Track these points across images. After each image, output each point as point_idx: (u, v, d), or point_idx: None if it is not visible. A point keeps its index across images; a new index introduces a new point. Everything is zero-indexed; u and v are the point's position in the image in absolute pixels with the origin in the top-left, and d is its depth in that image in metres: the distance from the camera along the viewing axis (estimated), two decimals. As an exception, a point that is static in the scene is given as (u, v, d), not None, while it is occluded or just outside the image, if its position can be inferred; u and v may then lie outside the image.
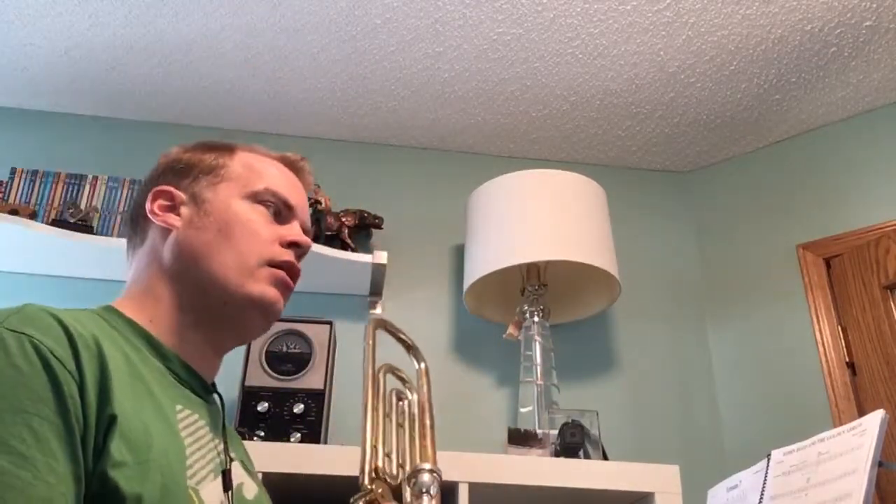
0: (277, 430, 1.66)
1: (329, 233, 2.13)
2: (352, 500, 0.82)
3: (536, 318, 2.05)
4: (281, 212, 0.94)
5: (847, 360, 2.09)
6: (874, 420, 1.15)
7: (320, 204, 2.18)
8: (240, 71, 2.24)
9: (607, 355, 2.32)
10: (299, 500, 1.45)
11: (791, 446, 1.30)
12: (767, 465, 1.32)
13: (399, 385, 1.09)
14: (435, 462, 0.90)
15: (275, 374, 1.74)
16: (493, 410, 2.17)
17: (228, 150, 0.97)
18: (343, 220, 2.17)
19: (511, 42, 2.13)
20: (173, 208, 0.91)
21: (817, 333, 2.17)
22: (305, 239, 0.94)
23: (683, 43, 2.11)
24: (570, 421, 1.77)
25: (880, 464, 1.11)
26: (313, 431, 1.68)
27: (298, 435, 1.66)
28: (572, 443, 1.73)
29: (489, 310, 2.22)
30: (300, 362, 1.77)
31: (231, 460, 0.85)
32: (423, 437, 0.99)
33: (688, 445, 2.19)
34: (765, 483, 1.29)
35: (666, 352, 2.35)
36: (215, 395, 0.92)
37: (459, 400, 2.16)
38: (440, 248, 2.39)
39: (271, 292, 0.89)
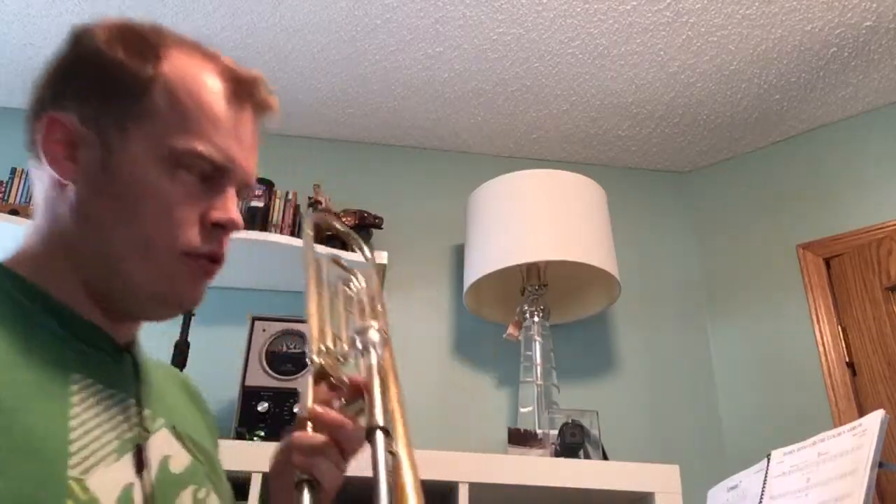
0: (277, 430, 1.66)
1: (329, 233, 2.13)
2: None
3: (536, 318, 2.05)
4: (212, 175, 0.72)
5: (847, 360, 2.09)
6: (874, 420, 1.15)
7: (320, 204, 2.18)
8: (240, 71, 2.23)
9: (607, 355, 2.32)
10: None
11: (791, 446, 1.30)
12: (767, 465, 1.32)
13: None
14: (387, 341, 0.82)
15: (275, 374, 1.74)
16: (493, 410, 2.17)
17: (154, 56, 0.72)
18: (343, 220, 2.17)
19: (511, 42, 2.13)
20: (71, 146, 0.71)
21: (817, 333, 2.17)
22: (236, 219, 0.74)
23: (683, 43, 2.11)
24: (570, 421, 1.77)
25: (880, 464, 1.11)
26: (313, 431, 1.68)
27: (298, 435, 1.66)
28: (572, 443, 1.73)
29: (489, 310, 2.22)
30: (300, 362, 1.77)
31: (149, 432, 0.71)
32: (376, 319, 0.88)
33: (688, 445, 2.19)
34: (765, 483, 1.29)
35: (666, 352, 2.35)
36: (127, 356, 0.75)
37: (459, 400, 2.16)
38: (440, 248, 2.39)
39: (189, 292, 0.73)
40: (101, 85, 0.71)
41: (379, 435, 0.65)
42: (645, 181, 2.63)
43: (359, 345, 0.77)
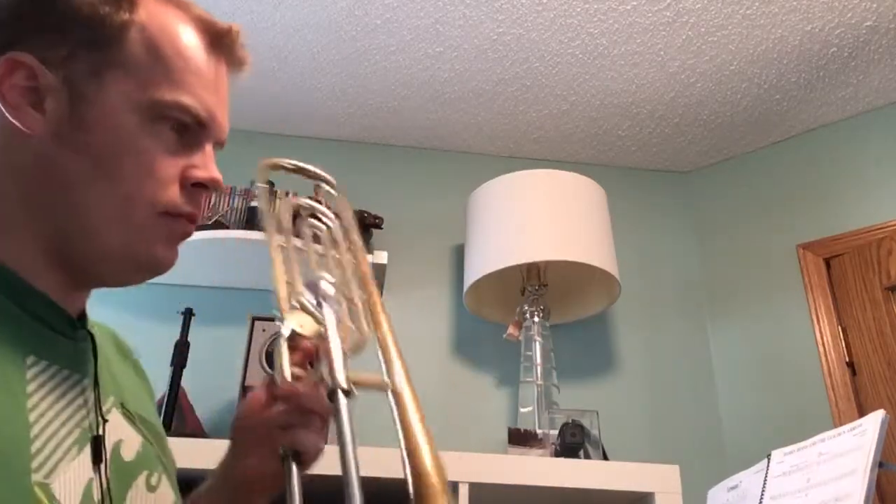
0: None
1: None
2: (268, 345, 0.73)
3: (536, 318, 2.05)
4: (190, 128, 0.68)
5: (847, 360, 2.09)
6: (874, 420, 1.15)
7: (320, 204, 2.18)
8: (240, 71, 2.23)
9: (607, 355, 2.32)
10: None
11: (791, 446, 1.30)
12: (768, 466, 1.32)
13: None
14: (366, 276, 0.79)
15: (275, 374, 1.74)
16: (493, 410, 2.17)
17: (131, 3, 0.67)
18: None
19: (511, 42, 2.13)
20: (34, 93, 0.64)
21: (817, 333, 2.17)
22: (218, 178, 0.69)
23: (683, 43, 2.11)
24: (570, 421, 1.77)
25: (881, 464, 1.11)
26: None
27: (298, 435, 1.66)
28: (572, 443, 1.73)
29: (489, 310, 2.22)
30: (300, 362, 1.76)
31: (104, 421, 0.66)
32: (352, 254, 0.84)
33: (688, 445, 2.19)
34: (765, 483, 1.29)
35: (666, 352, 2.34)
36: (83, 332, 0.70)
37: (459, 400, 2.16)
38: (440, 248, 2.39)
39: (164, 254, 0.67)
40: (70, 28, 0.65)
41: (341, 397, 0.62)
42: (645, 181, 2.63)
43: (312, 300, 0.73)
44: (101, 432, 0.65)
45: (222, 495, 0.77)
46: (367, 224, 2.22)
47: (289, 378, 0.68)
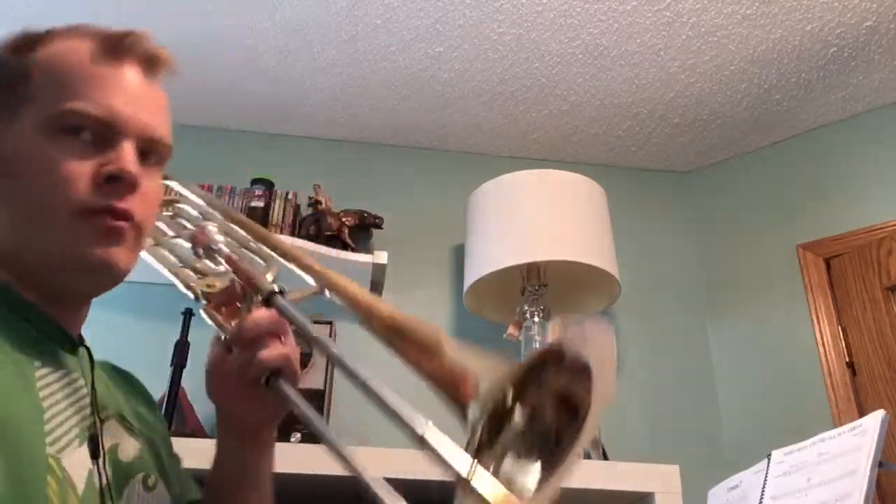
0: (278, 430, 1.66)
1: (329, 233, 2.13)
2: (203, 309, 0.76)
3: (536, 318, 2.05)
4: (100, 133, 0.72)
5: (847, 360, 2.09)
6: (874, 420, 1.16)
7: (320, 204, 2.18)
8: (240, 71, 2.23)
9: (607, 355, 2.32)
10: (300, 500, 1.45)
11: (791, 446, 1.30)
12: (768, 466, 1.32)
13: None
14: (245, 220, 0.84)
15: (275, 374, 1.74)
16: (493, 410, 2.17)
17: (31, 48, 0.76)
18: (343, 220, 2.17)
19: (511, 42, 2.13)
20: None
21: (817, 333, 2.17)
22: (125, 167, 0.71)
23: (683, 43, 2.11)
24: (570, 421, 1.77)
25: (881, 464, 1.11)
26: (313, 431, 1.68)
27: (298, 435, 1.66)
28: (572, 443, 1.73)
29: (489, 310, 2.22)
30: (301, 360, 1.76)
31: (102, 421, 0.72)
32: (223, 216, 0.88)
33: (688, 445, 2.19)
34: (765, 483, 1.29)
35: (666, 352, 2.34)
36: (82, 349, 0.76)
37: (459, 400, 2.16)
38: (440, 248, 2.39)
39: (96, 252, 0.70)
40: None
41: (276, 299, 0.69)
42: (645, 181, 2.63)
43: (202, 251, 0.78)
44: (97, 431, 0.70)
45: (234, 454, 0.82)
46: (367, 224, 2.22)
47: (230, 329, 0.74)
